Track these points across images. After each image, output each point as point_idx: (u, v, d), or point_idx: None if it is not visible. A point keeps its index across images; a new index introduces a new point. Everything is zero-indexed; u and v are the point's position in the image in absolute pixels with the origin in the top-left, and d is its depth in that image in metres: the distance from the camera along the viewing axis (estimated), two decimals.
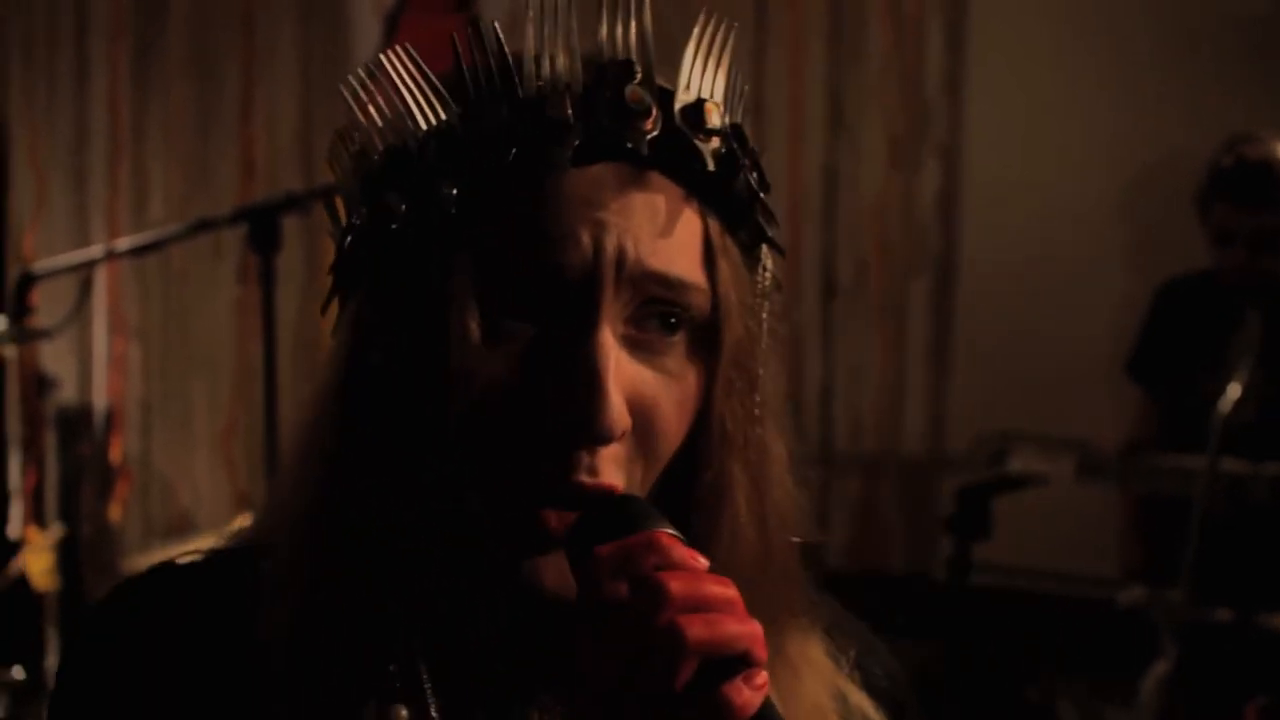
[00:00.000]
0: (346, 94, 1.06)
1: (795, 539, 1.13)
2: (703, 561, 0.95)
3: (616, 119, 1.02)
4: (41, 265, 4.05)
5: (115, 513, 6.05)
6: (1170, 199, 4.44)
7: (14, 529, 5.02)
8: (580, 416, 0.98)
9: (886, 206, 5.10)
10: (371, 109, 1.05)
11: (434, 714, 1.04)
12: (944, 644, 4.22)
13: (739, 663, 0.92)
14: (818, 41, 5.20)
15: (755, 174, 1.11)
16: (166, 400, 6.19)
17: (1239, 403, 3.58)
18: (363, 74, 1.06)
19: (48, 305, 4.07)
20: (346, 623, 1.03)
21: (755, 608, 0.97)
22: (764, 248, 1.14)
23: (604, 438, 0.99)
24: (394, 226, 1.02)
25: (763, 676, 0.93)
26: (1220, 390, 3.61)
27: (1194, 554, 3.57)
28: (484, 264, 1.00)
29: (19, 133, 6.42)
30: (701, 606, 0.91)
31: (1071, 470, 3.90)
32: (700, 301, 1.04)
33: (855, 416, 5.18)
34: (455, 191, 1.01)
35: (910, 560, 5.07)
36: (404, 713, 1.03)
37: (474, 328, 1.00)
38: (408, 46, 1.05)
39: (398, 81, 1.04)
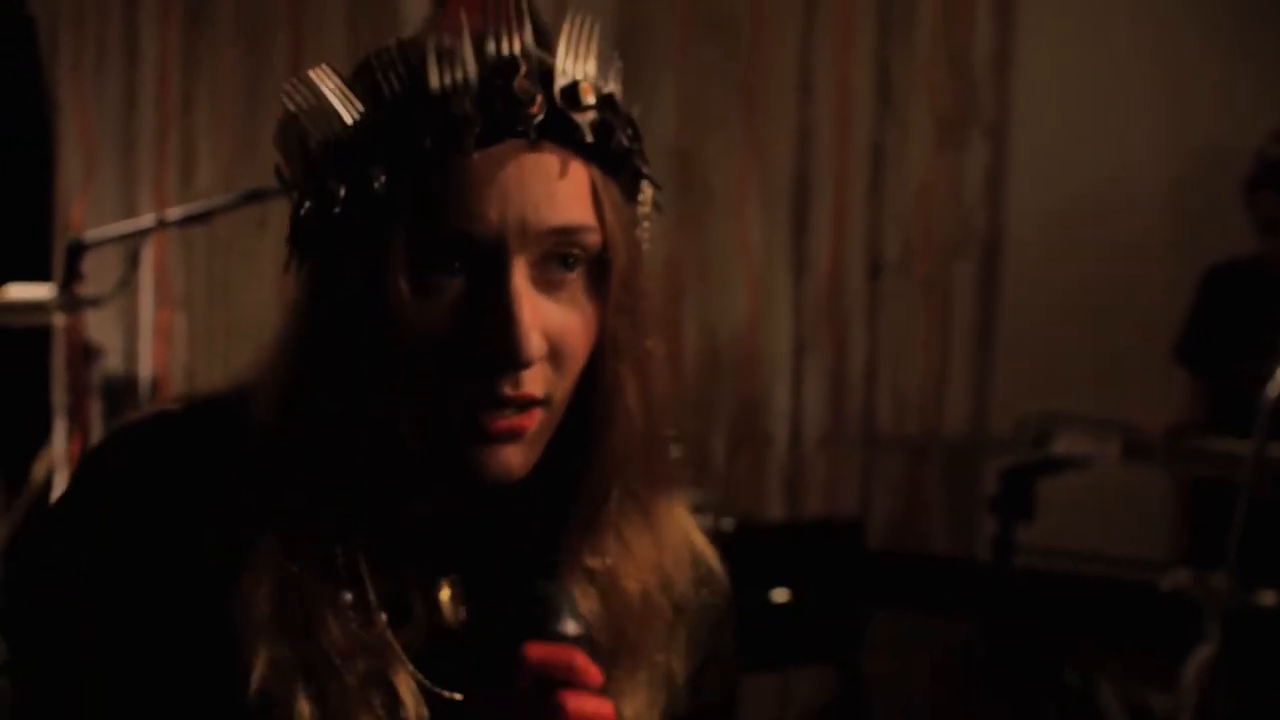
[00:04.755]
0: (285, 98, 1.28)
1: (668, 424, 1.38)
2: (598, 679, 1.20)
3: (509, 107, 1.23)
4: (92, 234, 4.06)
5: None
6: (1219, 181, 4.42)
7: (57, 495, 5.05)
8: (503, 350, 1.21)
9: (933, 186, 5.09)
10: (307, 108, 1.27)
11: (371, 596, 1.28)
12: (985, 625, 4.22)
13: None
14: (866, 20, 5.19)
15: (629, 130, 1.31)
16: (211, 371, 6.21)
17: None
18: (296, 80, 1.27)
19: (94, 275, 4.08)
20: (310, 530, 1.26)
21: (642, 473, 1.33)
22: (642, 183, 1.35)
23: (524, 364, 1.22)
24: (336, 210, 1.24)
25: None
26: (1268, 375, 3.59)
27: (1239, 538, 3.56)
28: (411, 233, 1.22)
29: (69, 104, 6.44)
30: None
31: (1117, 453, 3.89)
32: (592, 240, 1.26)
33: (899, 396, 5.18)
34: (384, 177, 1.23)
35: (953, 541, 5.06)
36: (349, 597, 1.27)
37: (404, 285, 1.21)
38: (328, 65, 1.28)
39: (324, 90, 1.26)
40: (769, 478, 5.38)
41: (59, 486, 5.00)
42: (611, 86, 1.31)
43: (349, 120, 1.26)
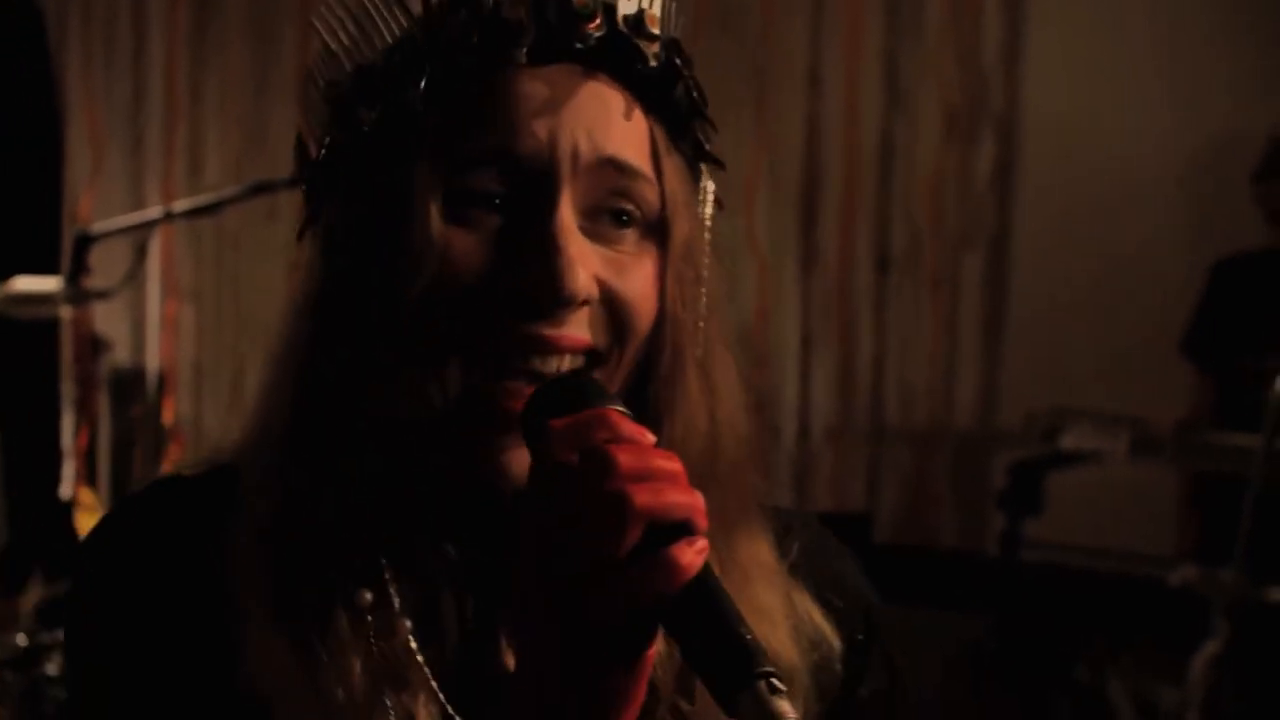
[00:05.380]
0: (317, 23, 1.15)
1: (743, 439, 1.20)
2: (650, 437, 1.01)
3: (565, 20, 1.11)
4: (99, 226, 4.06)
5: None
6: (1228, 175, 4.42)
7: (66, 489, 5.05)
8: (545, 281, 1.07)
9: (942, 179, 5.08)
10: (340, 34, 1.14)
11: (394, 598, 1.12)
12: (994, 619, 4.21)
13: (681, 529, 0.96)
14: (875, 14, 5.19)
15: (695, 88, 1.19)
16: (219, 363, 6.22)
17: None
18: (331, 3, 1.15)
19: (101, 268, 4.08)
20: (319, 517, 1.12)
21: (712, 499, 1.02)
22: (704, 170, 1.22)
23: (568, 299, 1.07)
24: (365, 130, 1.12)
25: (703, 542, 0.97)
26: (1277, 368, 3.58)
27: (1248, 533, 3.55)
28: (449, 156, 1.09)
29: (77, 98, 6.44)
30: (647, 476, 0.96)
31: (1125, 447, 3.88)
32: (650, 195, 1.13)
33: (907, 389, 5.17)
34: (422, 89, 1.10)
35: (961, 535, 5.05)
36: (368, 596, 1.11)
37: (436, 213, 1.08)
38: None
39: (365, 7, 1.13)
40: (776, 470, 5.37)
41: (68, 478, 5.01)
42: (678, 34, 1.19)
43: (387, 35, 1.13)
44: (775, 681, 0.93)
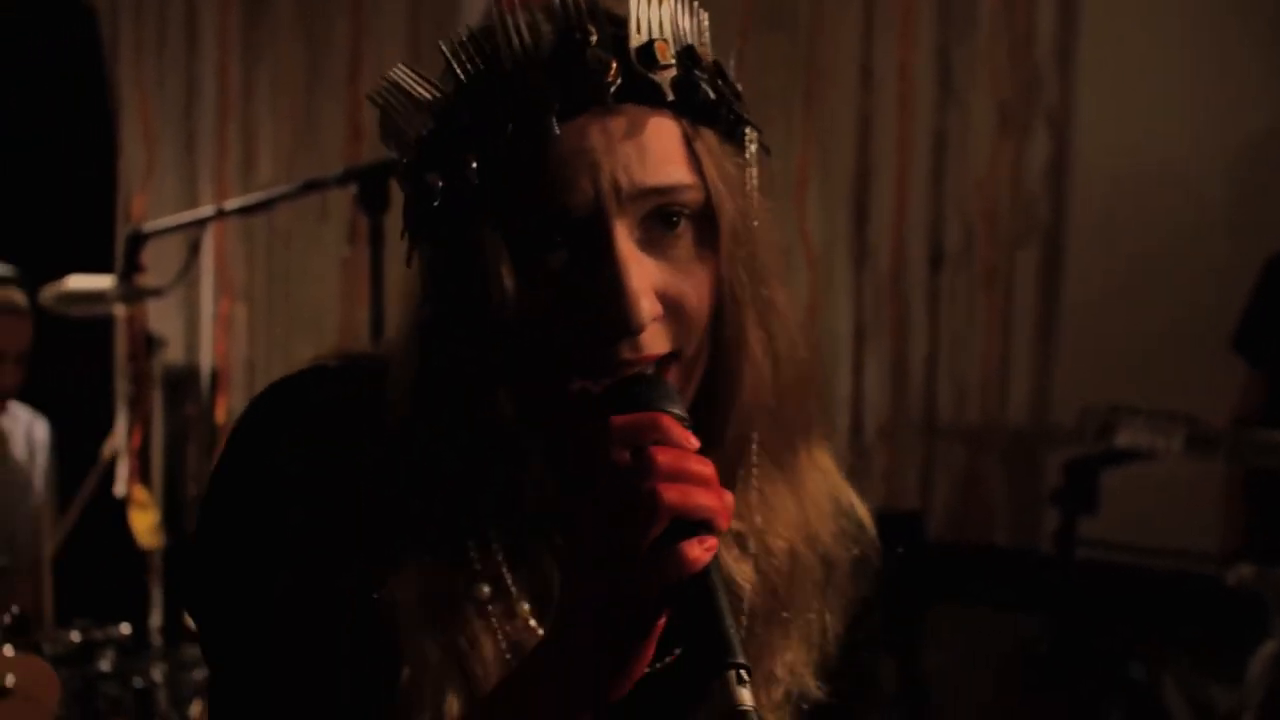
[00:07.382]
0: (373, 101, 1.29)
1: (806, 371, 1.37)
2: (694, 442, 1.16)
3: (584, 78, 1.22)
4: (152, 224, 4.07)
5: None
6: None
7: (120, 487, 5.08)
8: (615, 318, 1.20)
9: (995, 174, 5.05)
10: (397, 106, 1.28)
11: (510, 586, 1.28)
12: (1048, 618, 4.19)
13: (701, 527, 1.12)
14: (927, 8, 5.16)
15: (718, 80, 1.30)
16: (272, 361, 6.24)
17: None
18: (384, 84, 1.29)
19: (155, 266, 4.10)
20: (433, 506, 1.27)
21: (776, 428, 1.33)
22: (745, 127, 1.34)
23: (637, 329, 1.21)
24: (435, 204, 1.25)
25: (713, 541, 1.13)
26: None
27: None
28: (510, 214, 1.22)
29: (130, 97, 6.48)
30: (681, 478, 1.12)
31: (1180, 445, 3.85)
32: (693, 196, 1.25)
33: (960, 386, 5.14)
34: (475, 164, 1.23)
35: (1015, 533, 5.02)
36: (485, 589, 1.27)
37: (507, 274, 1.22)
38: (404, 66, 1.29)
39: (408, 87, 1.27)
40: None
41: (122, 477, 5.04)
42: (692, 38, 1.29)
43: (434, 118, 1.26)
44: (743, 673, 1.09)
